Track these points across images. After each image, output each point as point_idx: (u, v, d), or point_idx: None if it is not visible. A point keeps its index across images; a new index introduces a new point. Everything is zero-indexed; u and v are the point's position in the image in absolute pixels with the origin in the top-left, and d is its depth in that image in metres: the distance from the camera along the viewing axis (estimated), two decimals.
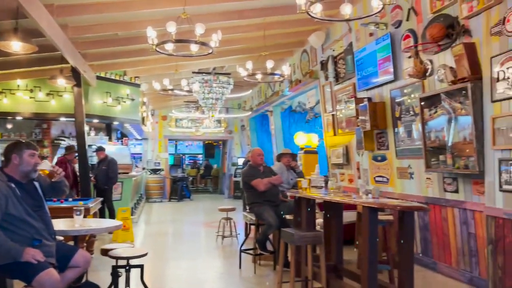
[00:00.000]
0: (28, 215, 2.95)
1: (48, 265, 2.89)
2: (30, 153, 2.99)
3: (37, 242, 2.95)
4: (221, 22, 6.66)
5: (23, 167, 2.97)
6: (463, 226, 4.78)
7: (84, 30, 6.44)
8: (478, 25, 4.32)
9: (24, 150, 2.97)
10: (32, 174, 3.03)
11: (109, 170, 8.02)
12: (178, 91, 8.56)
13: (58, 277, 2.87)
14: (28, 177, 3.05)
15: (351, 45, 6.98)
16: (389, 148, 6.12)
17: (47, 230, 3.08)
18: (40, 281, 2.77)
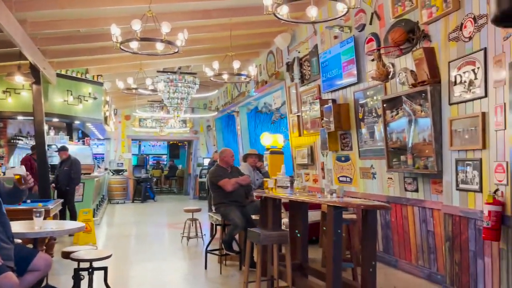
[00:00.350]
0: None
1: (6, 268, 2.78)
2: None
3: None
4: (187, 21, 6.62)
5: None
6: (423, 224, 4.96)
7: (44, 26, 6.23)
8: (437, 31, 4.50)
9: None
10: None
11: (71, 171, 7.77)
12: (142, 90, 8.43)
13: (17, 280, 2.77)
14: None
15: (316, 48, 7.09)
16: (352, 149, 6.27)
17: (5, 233, 2.98)
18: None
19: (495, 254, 3.73)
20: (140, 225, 9.93)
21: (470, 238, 4.03)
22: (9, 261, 2.89)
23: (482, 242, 3.86)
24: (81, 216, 7.05)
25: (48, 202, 5.81)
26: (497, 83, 3.68)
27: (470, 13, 4.00)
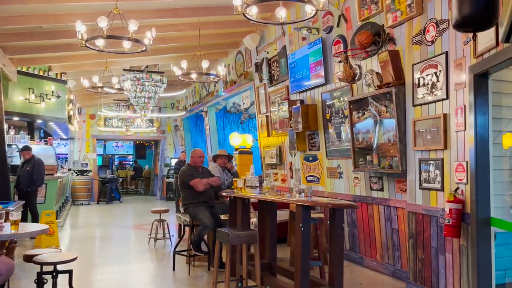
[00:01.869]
0: None
1: None
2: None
3: None
4: (155, 19, 6.53)
5: None
6: (387, 222, 5.10)
7: (5, 21, 5.99)
8: (402, 34, 4.63)
9: None
10: None
11: (34, 171, 7.48)
12: (108, 89, 8.25)
13: None
14: None
15: (284, 49, 7.15)
16: (320, 149, 6.36)
17: None
18: None
19: (456, 250, 3.88)
20: (105, 226, 9.71)
21: (432, 235, 4.17)
22: None
23: (444, 239, 4.01)
24: (43, 218, 6.84)
25: (9, 204, 5.59)
26: (458, 86, 3.83)
27: (432, 17, 4.14)
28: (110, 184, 14.73)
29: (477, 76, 3.55)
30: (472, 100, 3.59)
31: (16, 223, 3.26)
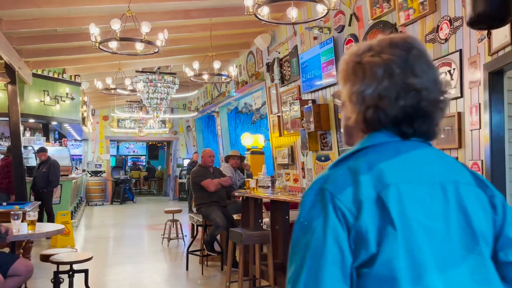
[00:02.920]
0: None
1: None
2: None
3: None
4: (167, 21, 6.58)
5: None
6: None
7: (20, 25, 6.09)
8: (414, 32, 4.59)
9: None
10: None
11: (50, 173, 7.61)
12: (121, 91, 8.33)
13: (2, 278, 2.72)
14: None
15: (296, 48, 7.14)
16: (332, 149, 6.34)
17: None
18: None
19: None
20: (119, 227, 9.81)
21: None
22: None
23: None
24: (59, 219, 6.94)
25: (25, 204, 5.69)
26: (472, 84, 3.79)
27: (446, 15, 4.10)
28: (124, 184, 14.87)
29: (492, 74, 3.50)
30: (487, 98, 3.55)
31: (33, 223, 3.31)
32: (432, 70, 0.94)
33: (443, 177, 0.90)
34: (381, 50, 0.93)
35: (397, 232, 0.80)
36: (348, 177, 0.85)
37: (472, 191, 0.92)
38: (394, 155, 0.89)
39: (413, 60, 0.91)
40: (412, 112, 0.90)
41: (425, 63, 0.94)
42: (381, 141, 0.92)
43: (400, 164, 0.88)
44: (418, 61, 0.92)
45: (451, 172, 0.93)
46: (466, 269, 0.84)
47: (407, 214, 0.82)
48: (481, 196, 0.93)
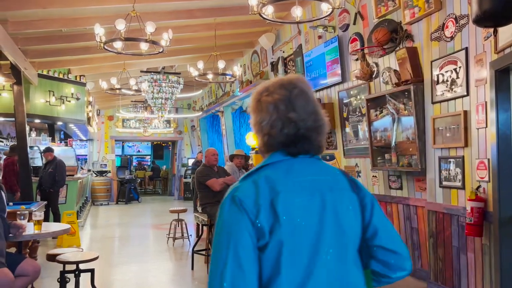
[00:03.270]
0: None
1: (2, 264, 2.76)
2: None
3: None
4: (171, 21, 6.58)
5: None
6: (407, 221, 5.04)
7: (25, 26, 6.12)
8: (420, 31, 4.57)
9: None
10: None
11: (56, 173, 7.64)
12: (126, 91, 8.35)
13: (13, 277, 2.74)
14: None
15: (300, 47, 7.13)
16: (337, 148, 6.33)
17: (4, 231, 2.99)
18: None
19: (478, 249, 3.81)
20: (124, 226, 9.84)
21: (453, 234, 4.11)
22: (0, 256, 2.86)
23: (465, 238, 3.94)
24: (64, 218, 6.97)
25: (31, 204, 5.72)
26: (479, 82, 3.76)
27: (451, 13, 4.08)
28: (129, 184, 14.91)
29: (498, 72, 3.48)
30: (493, 96, 3.52)
31: (39, 223, 3.33)
32: (310, 104, 1.26)
33: (322, 185, 1.22)
34: (273, 91, 1.25)
35: (282, 228, 1.12)
36: (251, 187, 1.17)
37: (346, 195, 1.25)
38: (284, 170, 1.22)
39: (293, 99, 1.23)
40: (293, 138, 1.23)
41: (304, 99, 1.24)
42: (276, 159, 1.24)
43: (288, 177, 1.20)
44: (297, 99, 1.23)
45: (329, 180, 1.25)
46: (333, 253, 1.17)
47: (291, 215, 1.14)
48: (353, 198, 1.26)
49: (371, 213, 1.28)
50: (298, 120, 1.23)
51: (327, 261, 1.16)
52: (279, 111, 1.23)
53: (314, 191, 1.20)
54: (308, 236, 1.15)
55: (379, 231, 1.28)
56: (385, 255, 1.27)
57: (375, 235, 1.27)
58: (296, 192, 1.18)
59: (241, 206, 1.15)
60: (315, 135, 1.27)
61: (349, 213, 1.23)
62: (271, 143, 1.25)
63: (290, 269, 1.13)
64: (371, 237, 1.27)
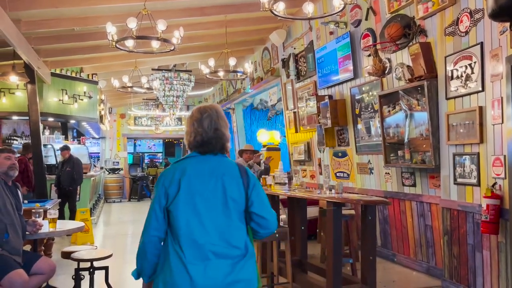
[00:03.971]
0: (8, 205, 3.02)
1: (17, 265, 2.80)
2: (5, 156, 3.28)
3: (6, 236, 2.93)
4: (182, 18, 6.59)
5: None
6: (420, 218, 4.99)
7: (38, 25, 6.17)
8: (433, 26, 4.51)
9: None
10: (10, 172, 3.28)
11: (74, 171, 7.71)
12: (137, 89, 8.39)
13: (27, 278, 2.78)
14: (8, 176, 3.27)
15: (311, 44, 7.09)
16: (349, 144, 6.28)
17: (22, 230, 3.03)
18: (10, 279, 2.68)
19: (494, 247, 3.76)
20: (137, 223, 9.89)
21: (468, 232, 4.06)
22: (17, 255, 2.90)
23: (481, 236, 3.89)
24: (78, 216, 7.04)
25: (46, 202, 5.78)
26: (494, 77, 3.70)
27: (466, 7, 4.01)
28: (141, 181, 15.02)
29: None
30: (509, 91, 3.46)
31: (53, 221, 3.36)
32: (213, 122, 1.95)
33: (217, 172, 1.90)
34: (194, 114, 1.99)
35: (180, 195, 1.83)
36: (171, 171, 1.90)
37: (234, 178, 1.91)
38: (194, 161, 1.93)
39: (203, 120, 1.95)
40: (201, 143, 1.94)
41: (209, 120, 1.95)
42: (191, 155, 1.96)
43: (195, 166, 1.91)
44: (205, 120, 1.95)
45: (223, 169, 1.92)
46: (220, 212, 1.84)
47: (190, 187, 1.84)
48: (239, 181, 1.91)
49: (251, 191, 1.93)
50: (203, 132, 1.95)
51: (217, 216, 1.86)
52: (194, 127, 1.98)
53: (211, 175, 1.90)
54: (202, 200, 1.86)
55: (254, 203, 1.92)
56: (257, 218, 1.94)
57: (251, 205, 1.92)
58: (197, 175, 1.89)
59: (161, 182, 1.92)
60: (215, 142, 1.96)
61: (234, 189, 1.90)
62: (190, 145, 1.99)
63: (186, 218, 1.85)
64: (249, 206, 1.92)
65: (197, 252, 1.80)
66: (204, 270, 1.79)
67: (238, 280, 1.83)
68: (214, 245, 1.82)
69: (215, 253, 1.81)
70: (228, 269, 1.82)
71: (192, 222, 1.82)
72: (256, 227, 1.95)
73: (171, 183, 1.87)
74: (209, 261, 1.80)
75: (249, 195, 1.91)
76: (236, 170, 1.94)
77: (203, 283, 1.78)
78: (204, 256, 1.80)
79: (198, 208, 1.84)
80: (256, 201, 1.91)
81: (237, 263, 1.85)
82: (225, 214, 1.86)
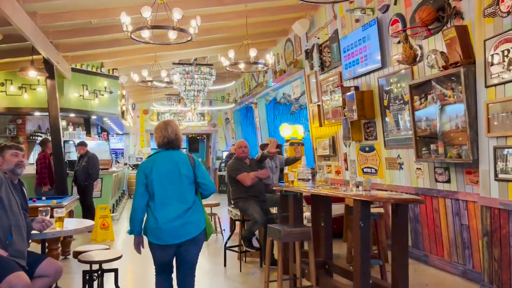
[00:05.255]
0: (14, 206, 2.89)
1: (18, 267, 2.62)
2: (12, 153, 3.16)
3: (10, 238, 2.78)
4: (200, 9, 6.35)
5: (6, 165, 3.12)
6: (456, 217, 4.61)
7: (54, 18, 6.04)
8: (470, 7, 4.12)
9: (6, 151, 3.16)
10: (17, 170, 3.15)
11: (89, 166, 7.62)
12: (157, 83, 8.23)
13: (29, 281, 2.59)
14: (14, 174, 3.14)
15: (336, 33, 6.75)
16: (377, 138, 5.93)
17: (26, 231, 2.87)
18: (9, 283, 2.50)
19: None
20: None
21: (511, 233, 3.68)
22: (21, 259, 2.73)
23: None
24: (98, 212, 6.93)
25: (63, 198, 5.68)
26: None
27: None
28: None
29: None
30: None
31: (60, 219, 3.19)
32: (174, 130, 3.13)
33: (175, 159, 3.09)
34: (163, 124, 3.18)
35: (153, 175, 3.03)
36: (148, 161, 3.11)
37: (186, 164, 3.10)
38: (160, 155, 3.13)
39: (167, 128, 3.13)
40: (166, 142, 3.12)
41: (171, 128, 3.13)
42: (159, 151, 3.16)
43: (161, 157, 3.11)
44: (168, 128, 3.13)
45: (178, 158, 3.11)
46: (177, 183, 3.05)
47: (158, 170, 3.05)
48: (189, 166, 3.11)
49: (196, 169, 3.11)
50: (168, 136, 3.10)
51: (175, 185, 3.02)
52: (162, 133, 3.10)
53: (171, 161, 3.06)
54: (166, 177, 3.01)
55: (198, 176, 3.10)
56: (201, 185, 3.11)
57: (197, 177, 3.09)
58: (162, 162, 3.05)
59: (142, 169, 3.04)
60: (175, 142, 3.13)
61: (185, 168, 3.07)
62: (159, 144, 3.13)
63: (158, 188, 3.00)
64: (196, 178, 3.09)
65: (162, 204, 3.02)
66: (163, 211, 3.01)
67: (188, 222, 3.02)
68: (172, 199, 3.03)
69: (173, 206, 3.02)
70: (180, 212, 3.01)
71: (160, 190, 3.03)
72: (201, 190, 3.16)
73: (147, 168, 3.07)
74: (167, 206, 3.02)
75: (195, 172, 3.11)
76: (187, 158, 3.16)
77: (162, 219, 2.98)
78: (166, 205, 3.02)
79: (164, 181, 3.04)
80: (199, 175, 3.12)
81: (187, 211, 3.03)
82: (180, 183, 3.05)
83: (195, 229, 3.01)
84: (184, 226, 2.97)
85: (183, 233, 2.97)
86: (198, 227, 3.02)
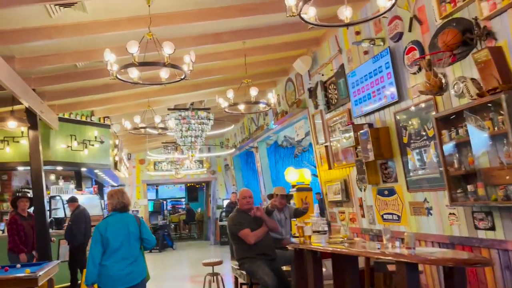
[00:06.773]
0: None
1: None
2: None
3: None
4: (196, 47, 5.84)
5: None
6: (506, 271, 3.85)
7: (35, 62, 5.51)
8: (505, 25, 3.58)
9: None
10: None
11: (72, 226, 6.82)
12: (150, 130, 7.63)
13: None
14: None
15: (342, 67, 6.24)
16: (397, 180, 5.25)
17: None
18: None
19: None
20: (157, 279, 8.88)
21: None
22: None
23: None
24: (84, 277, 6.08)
25: (41, 265, 4.90)
26: None
27: None
28: (162, 230, 14.14)
29: None
30: None
31: None
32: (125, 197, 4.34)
33: (125, 221, 4.18)
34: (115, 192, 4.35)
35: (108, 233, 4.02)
36: (103, 223, 4.16)
37: (133, 224, 4.18)
38: (113, 217, 4.21)
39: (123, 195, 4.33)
40: (119, 207, 4.25)
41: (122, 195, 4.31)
42: (112, 214, 4.26)
43: (114, 219, 4.19)
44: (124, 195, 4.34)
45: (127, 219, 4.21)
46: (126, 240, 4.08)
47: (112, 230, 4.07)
48: (136, 225, 4.20)
49: (141, 227, 4.19)
50: (123, 201, 4.25)
51: (124, 242, 4.03)
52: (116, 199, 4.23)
53: (122, 223, 4.13)
54: (118, 236, 4.03)
55: (143, 233, 4.18)
56: (145, 240, 4.21)
57: (142, 234, 4.17)
58: (114, 224, 4.10)
59: (98, 229, 4.04)
60: (125, 206, 4.26)
61: (133, 227, 4.13)
62: (113, 208, 4.24)
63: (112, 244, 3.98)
64: (141, 234, 4.17)
65: (114, 260, 3.92)
66: (115, 266, 3.90)
67: (133, 272, 3.97)
68: (122, 254, 3.95)
69: (122, 258, 3.95)
70: (127, 264, 3.96)
71: (113, 246, 3.93)
72: (145, 244, 4.18)
73: (102, 228, 3.98)
74: (119, 262, 3.93)
75: (140, 229, 4.11)
76: (134, 218, 4.20)
77: (114, 272, 3.88)
78: (118, 260, 3.93)
79: (116, 239, 3.95)
80: (144, 231, 4.13)
81: (133, 262, 4.00)
82: (128, 240, 4.00)
83: (138, 277, 4.02)
84: (129, 275, 3.92)
85: (128, 280, 3.92)
86: (140, 276, 4.05)
